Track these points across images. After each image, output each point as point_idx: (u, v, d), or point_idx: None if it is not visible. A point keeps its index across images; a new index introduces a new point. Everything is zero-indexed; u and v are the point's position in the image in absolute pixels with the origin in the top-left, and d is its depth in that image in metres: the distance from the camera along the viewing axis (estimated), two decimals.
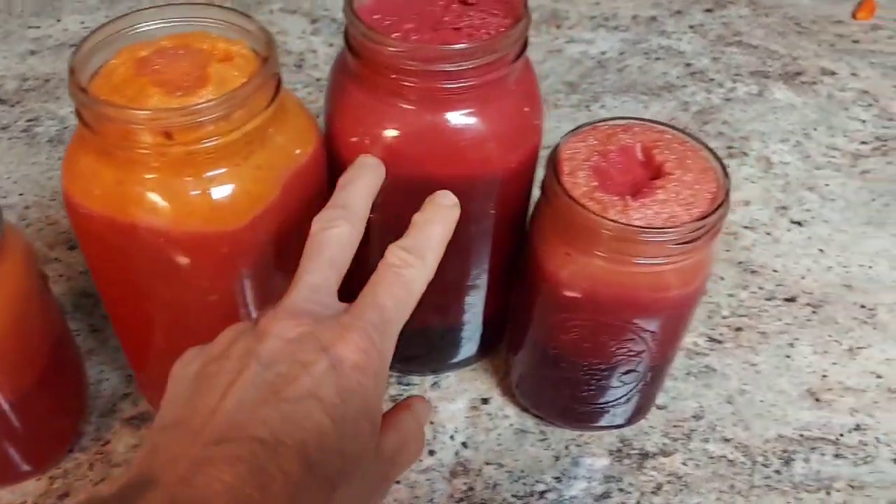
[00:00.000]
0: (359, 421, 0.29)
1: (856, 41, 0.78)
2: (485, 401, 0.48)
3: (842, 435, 0.46)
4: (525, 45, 0.36)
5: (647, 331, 0.39)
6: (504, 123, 0.36)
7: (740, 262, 0.57)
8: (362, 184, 0.34)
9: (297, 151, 0.34)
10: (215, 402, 0.28)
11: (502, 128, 0.36)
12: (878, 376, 0.49)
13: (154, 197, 0.31)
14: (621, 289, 0.37)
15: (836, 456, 0.45)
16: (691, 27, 0.81)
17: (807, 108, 0.71)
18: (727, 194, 0.36)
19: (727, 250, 0.58)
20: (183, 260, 0.32)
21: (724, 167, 0.37)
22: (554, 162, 0.37)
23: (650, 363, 0.41)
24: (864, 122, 0.69)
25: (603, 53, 0.78)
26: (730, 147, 0.67)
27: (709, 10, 0.84)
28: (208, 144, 0.30)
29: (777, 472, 0.45)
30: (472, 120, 0.35)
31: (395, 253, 0.32)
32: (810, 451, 0.46)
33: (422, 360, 0.47)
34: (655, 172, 0.37)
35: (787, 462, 0.45)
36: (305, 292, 0.31)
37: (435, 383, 0.48)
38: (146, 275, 0.33)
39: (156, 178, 0.31)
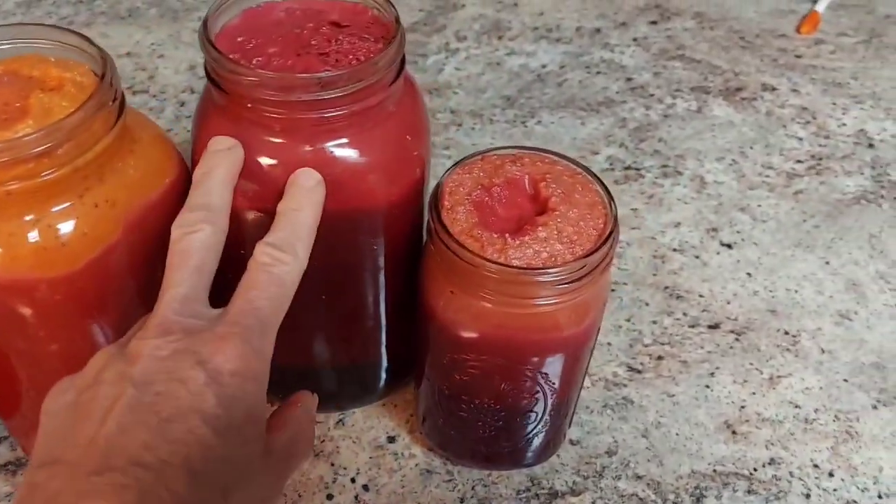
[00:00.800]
0: (243, 428, 0.29)
1: (798, 56, 0.77)
2: (391, 439, 0.46)
3: (755, 469, 0.45)
4: (402, 69, 0.34)
5: (541, 371, 0.37)
6: (382, 154, 0.34)
7: (667, 287, 0.55)
8: (218, 175, 0.32)
9: (152, 182, 0.32)
10: (93, 431, 0.27)
11: (380, 158, 0.34)
12: (796, 406, 0.48)
13: None
14: (508, 330, 0.35)
15: (749, 492, 0.44)
16: (635, 40, 0.80)
17: (745, 125, 0.69)
18: (613, 229, 0.34)
19: (654, 274, 0.56)
20: (15, 308, 0.30)
21: (612, 202, 0.36)
22: (436, 196, 0.35)
23: (549, 403, 0.39)
24: (801, 139, 0.67)
25: (543, 67, 0.77)
26: (664, 166, 0.65)
27: (653, 23, 0.83)
28: (30, 183, 0.28)
29: None
30: (345, 151, 0.33)
31: (264, 251, 0.31)
32: (723, 487, 0.44)
33: (326, 397, 0.45)
34: (541, 207, 0.35)
35: (699, 499, 0.44)
36: (175, 305, 0.30)
37: (340, 420, 0.46)
38: None
39: None
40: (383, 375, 0.45)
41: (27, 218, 0.29)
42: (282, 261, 0.31)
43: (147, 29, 0.79)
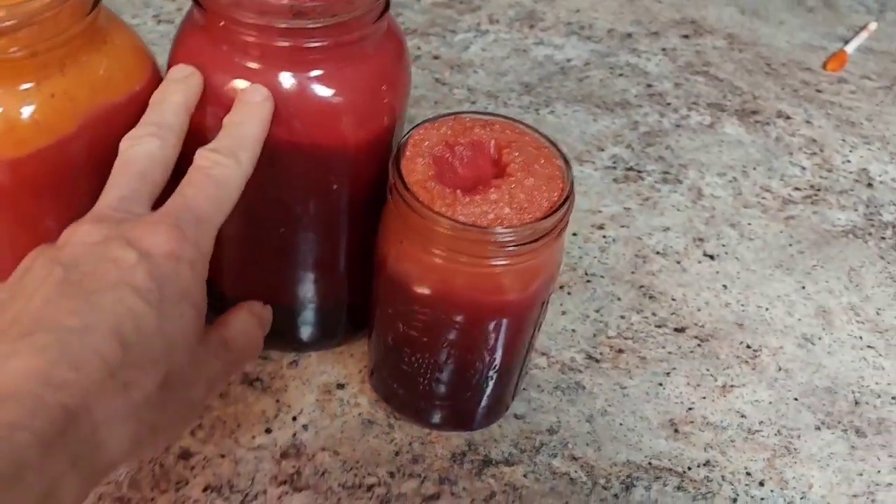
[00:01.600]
0: (180, 304, 0.29)
1: (819, 90, 0.77)
2: (340, 386, 0.47)
3: (689, 468, 0.45)
4: (386, 8, 0.35)
5: (483, 332, 0.38)
6: (352, 93, 0.35)
7: (642, 286, 0.56)
8: (175, 99, 0.33)
9: (119, 86, 0.33)
10: (21, 306, 0.27)
11: (350, 98, 0.35)
12: (742, 415, 0.48)
13: None
14: (452, 286, 0.36)
15: (678, 488, 0.45)
16: (663, 50, 0.81)
17: (753, 146, 0.70)
18: (567, 201, 0.35)
19: (633, 272, 0.57)
20: None
21: (570, 178, 0.36)
22: (400, 145, 0.36)
23: (489, 365, 0.40)
24: (803, 168, 0.67)
25: (568, 61, 0.77)
26: (665, 172, 0.66)
27: (686, 37, 0.83)
28: None
29: (615, 496, 0.44)
30: (316, 85, 0.34)
31: (203, 155, 0.31)
32: (654, 480, 0.45)
33: (281, 335, 0.47)
34: (500, 172, 0.36)
35: (628, 487, 0.44)
36: (112, 202, 0.30)
37: (294, 362, 0.48)
38: None
39: None
40: (341, 322, 0.47)
41: None
42: (220, 163, 0.31)
43: None
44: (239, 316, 0.34)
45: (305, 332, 0.47)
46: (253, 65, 0.34)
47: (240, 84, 0.34)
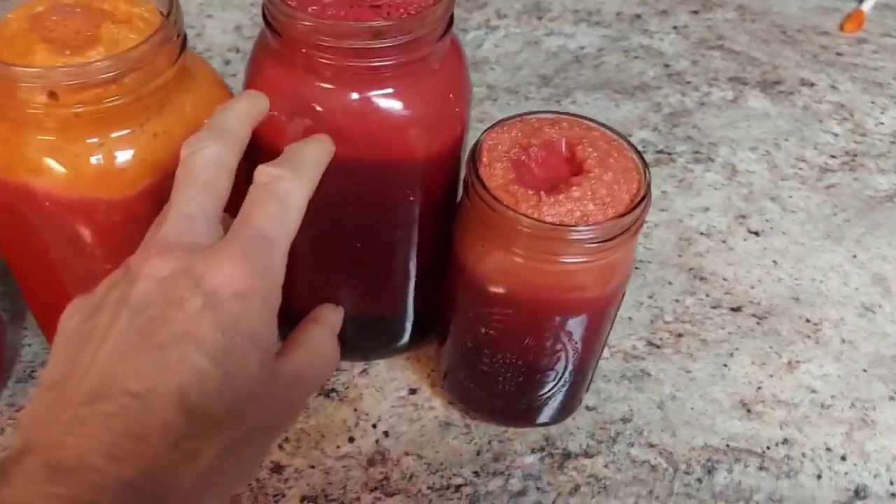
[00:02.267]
0: (246, 352, 0.28)
1: (839, 53, 0.77)
2: (412, 391, 0.47)
3: (768, 448, 0.46)
4: (450, 26, 0.35)
5: (564, 330, 0.38)
6: (425, 108, 0.35)
7: (691, 269, 0.56)
8: (238, 107, 0.32)
9: (206, 120, 0.33)
10: (90, 357, 0.27)
11: (422, 112, 0.35)
12: (813, 391, 0.49)
13: (40, 158, 0.30)
14: (535, 286, 0.36)
15: (760, 468, 0.45)
16: (675, 28, 0.80)
17: (781, 118, 0.70)
18: (646, 196, 0.35)
19: (680, 255, 0.57)
20: (75, 227, 0.31)
21: (646, 169, 0.36)
22: (474, 151, 0.36)
23: (571, 363, 0.40)
24: (836, 135, 0.68)
25: (581, 48, 0.77)
26: (696, 152, 0.66)
27: (695, 12, 0.83)
28: (97, 107, 0.29)
29: (698, 480, 0.44)
30: (390, 101, 0.34)
31: (263, 171, 0.30)
32: (734, 462, 0.45)
33: (351, 345, 0.47)
34: (576, 169, 0.36)
35: (710, 471, 0.45)
36: (178, 224, 0.29)
37: (364, 370, 0.48)
38: (44, 240, 0.33)
39: (43, 139, 0.30)
40: (409, 329, 0.47)
41: (91, 141, 0.31)
42: (282, 177, 0.30)
43: None
44: (311, 336, 0.33)
45: (375, 341, 0.47)
46: (327, 85, 0.34)
47: (316, 105, 0.34)
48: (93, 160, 0.31)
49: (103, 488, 0.24)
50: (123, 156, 0.31)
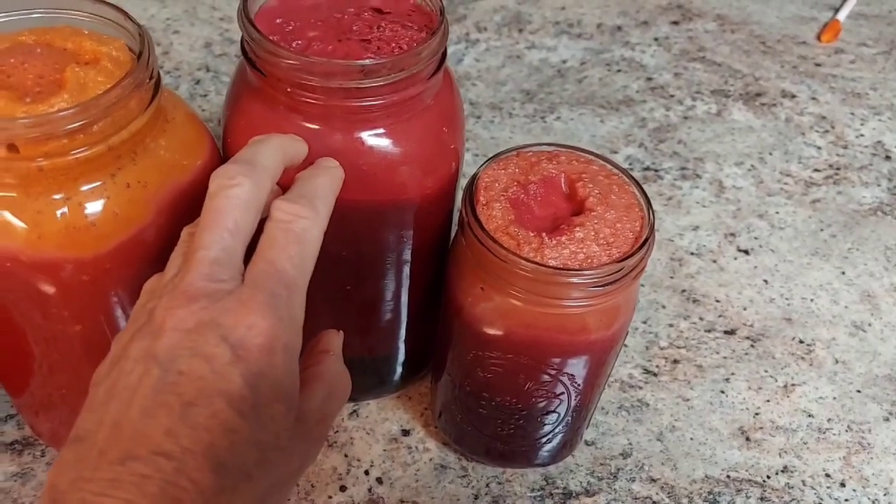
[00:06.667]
0: (272, 405, 0.28)
1: (818, 64, 0.77)
2: (405, 432, 0.46)
3: (768, 477, 0.45)
4: (443, 61, 0.34)
5: (566, 373, 0.37)
6: (418, 146, 0.34)
7: (683, 291, 0.55)
8: (274, 142, 0.31)
9: (184, 164, 0.31)
10: (120, 413, 0.26)
11: (416, 150, 0.34)
12: (810, 415, 0.48)
13: (2, 215, 0.28)
14: (536, 330, 0.35)
15: (762, 499, 0.44)
16: (656, 40, 0.80)
17: (764, 131, 0.69)
18: (650, 235, 0.34)
19: (672, 277, 0.56)
20: (39, 288, 0.29)
21: (649, 205, 0.35)
22: (470, 190, 0.35)
23: (571, 404, 0.39)
24: (819, 148, 0.67)
25: (564, 62, 0.76)
26: (683, 168, 0.65)
27: (675, 23, 0.82)
28: (63, 160, 0.27)
29: None
30: (381, 141, 0.33)
31: (280, 208, 0.29)
32: (736, 493, 0.44)
33: None
34: (577, 207, 0.35)
35: None
36: (204, 269, 0.28)
37: (354, 411, 0.46)
38: (5, 301, 0.30)
39: (4, 195, 0.28)
40: (399, 368, 0.45)
41: (56, 196, 0.28)
42: (300, 215, 0.29)
43: (162, 3, 0.78)
44: (326, 369, 0.32)
45: (365, 381, 0.45)
46: (313, 126, 0.32)
47: None
48: (58, 216, 0.28)
49: None
50: (93, 209, 0.29)
